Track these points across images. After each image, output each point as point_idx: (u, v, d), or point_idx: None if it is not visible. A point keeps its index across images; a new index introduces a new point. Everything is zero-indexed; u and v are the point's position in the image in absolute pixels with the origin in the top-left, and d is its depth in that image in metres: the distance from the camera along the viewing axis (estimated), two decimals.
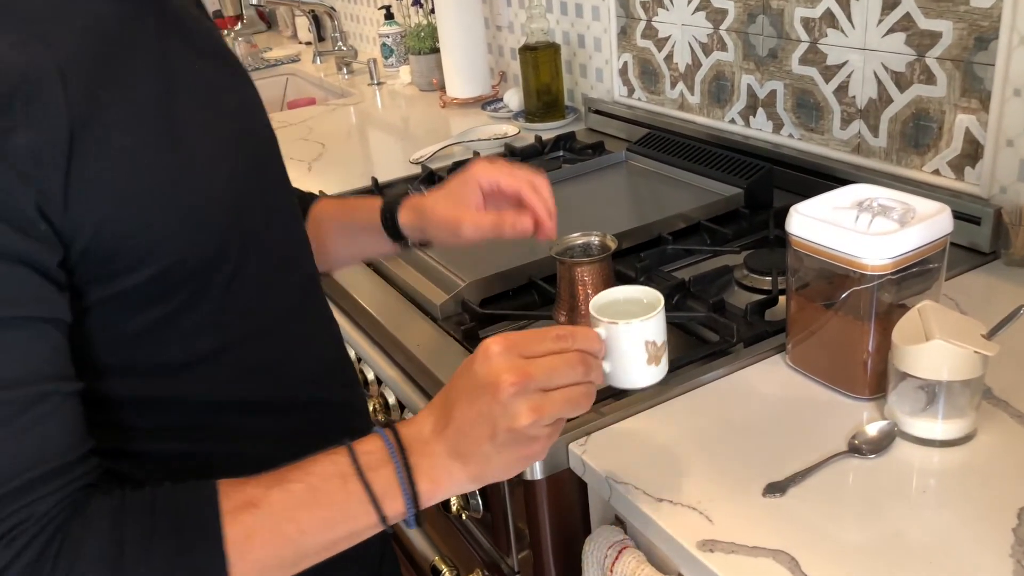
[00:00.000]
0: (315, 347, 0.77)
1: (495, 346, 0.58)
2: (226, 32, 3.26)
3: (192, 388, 0.66)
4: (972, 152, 1.11)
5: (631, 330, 0.64)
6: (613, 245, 0.97)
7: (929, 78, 1.13)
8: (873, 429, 0.79)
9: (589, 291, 0.96)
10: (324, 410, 0.77)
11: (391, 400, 1.13)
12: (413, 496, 0.59)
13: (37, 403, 0.53)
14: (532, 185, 0.85)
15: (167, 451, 0.67)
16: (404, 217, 0.89)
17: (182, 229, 0.61)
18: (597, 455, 0.82)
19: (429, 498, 0.60)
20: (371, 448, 0.60)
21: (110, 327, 0.60)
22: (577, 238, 0.99)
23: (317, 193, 0.99)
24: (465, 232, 0.84)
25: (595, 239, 0.98)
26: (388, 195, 0.94)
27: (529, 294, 1.13)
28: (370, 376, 1.19)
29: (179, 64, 0.64)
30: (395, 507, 0.59)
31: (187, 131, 0.62)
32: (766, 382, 0.90)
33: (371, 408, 1.16)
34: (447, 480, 0.60)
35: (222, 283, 0.65)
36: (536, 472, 0.84)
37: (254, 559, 0.56)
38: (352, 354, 1.25)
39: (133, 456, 0.65)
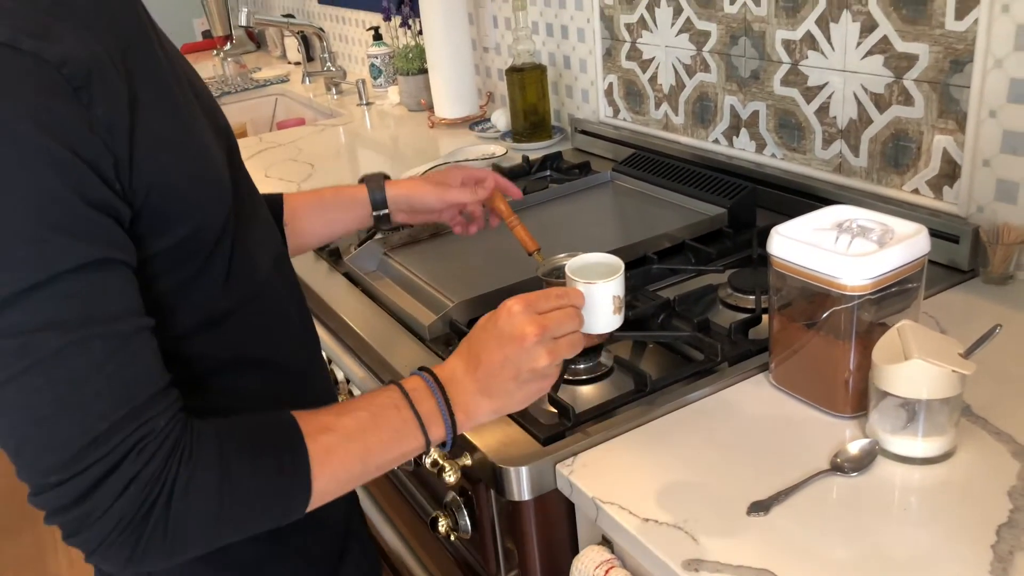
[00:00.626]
0: (291, 311, 0.85)
1: (516, 306, 0.72)
2: (215, 52, 3.28)
3: (200, 348, 0.73)
4: (950, 172, 1.13)
5: (604, 288, 0.80)
6: None
7: (907, 99, 1.16)
8: (855, 447, 0.81)
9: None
10: (300, 374, 0.85)
11: None
12: (452, 423, 0.72)
13: (138, 333, 0.61)
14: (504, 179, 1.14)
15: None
16: (391, 191, 1.09)
17: (205, 197, 0.70)
18: (584, 476, 0.82)
19: (463, 426, 0.73)
20: (415, 385, 0.72)
21: (143, 288, 0.66)
22: (563, 259, 1.00)
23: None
24: (450, 195, 1.08)
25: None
26: (367, 178, 1.11)
27: None
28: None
29: (177, 62, 0.75)
30: (438, 432, 0.72)
31: (193, 117, 0.72)
32: (750, 401, 0.91)
33: None
34: (476, 411, 0.73)
35: (227, 250, 0.73)
36: (524, 493, 0.85)
37: (331, 472, 0.67)
38: (340, 375, 1.26)
39: None
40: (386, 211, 1.08)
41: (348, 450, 0.68)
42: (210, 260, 0.71)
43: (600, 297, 0.80)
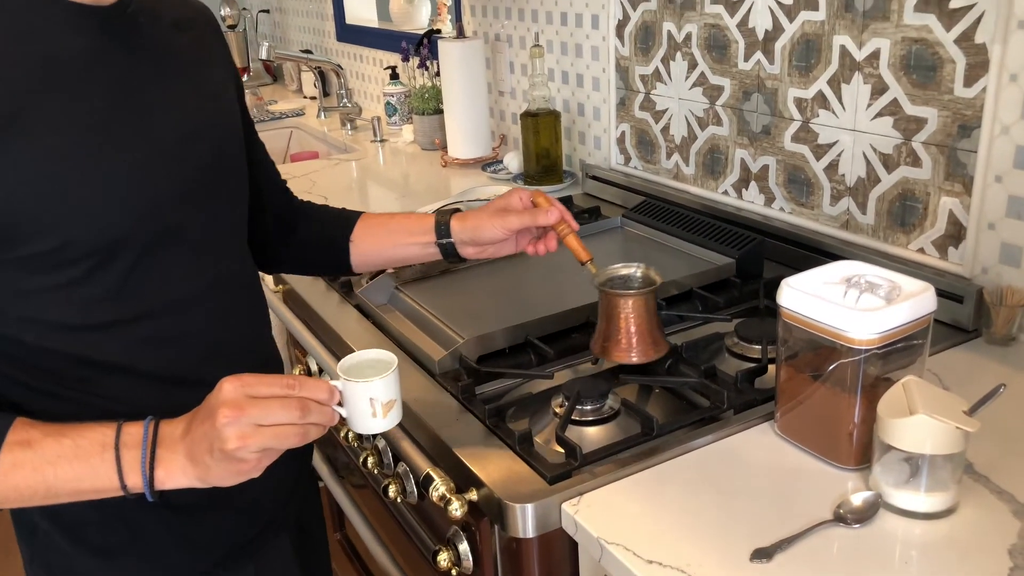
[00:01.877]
0: (214, 335, 0.89)
1: (228, 383, 0.71)
2: None
3: (85, 347, 0.80)
4: (955, 233, 1.16)
5: (357, 388, 0.76)
6: (658, 279, 0.94)
7: (915, 161, 1.19)
8: (858, 499, 0.82)
9: (632, 324, 0.93)
10: (197, 393, 0.84)
11: (387, 458, 1.14)
12: (150, 478, 0.73)
13: None
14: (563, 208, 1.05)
15: (51, 391, 0.81)
16: (456, 224, 1.04)
17: (68, 219, 0.75)
18: (589, 516, 0.83)
19: (162, 483, 0.73)
20: (133, 431, 0.74)
21: (10, 283, 0.76)
22: (619, 269, 0.97)
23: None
24: (511, 223, 1.01)
25: (637, 271, 0.97)
26: (439, 210, 1.08)
27: (525, 353, 1.15)
28: None
29: (136, 89, 0.80)
30: (135, 481, 0.73)
31: (119, 145, 0.78)
32: (755, 449, 0.92)
33: (363, 460, 1.17)
34: (180, 474, 0.73)
35: (123, 267, 0.79)
36: (528, 530, 0.86)
37: (13, 483, 0.72)
38: None
39: (23, 385, 0.80)
40: (450, 240, 1.04)
41: (38, 470, 0.72)
42: (93, 273, 0.78)
43: (355, 397, 0.76)
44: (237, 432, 0.69)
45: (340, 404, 0.76)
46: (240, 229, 0.96)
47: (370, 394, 0.76)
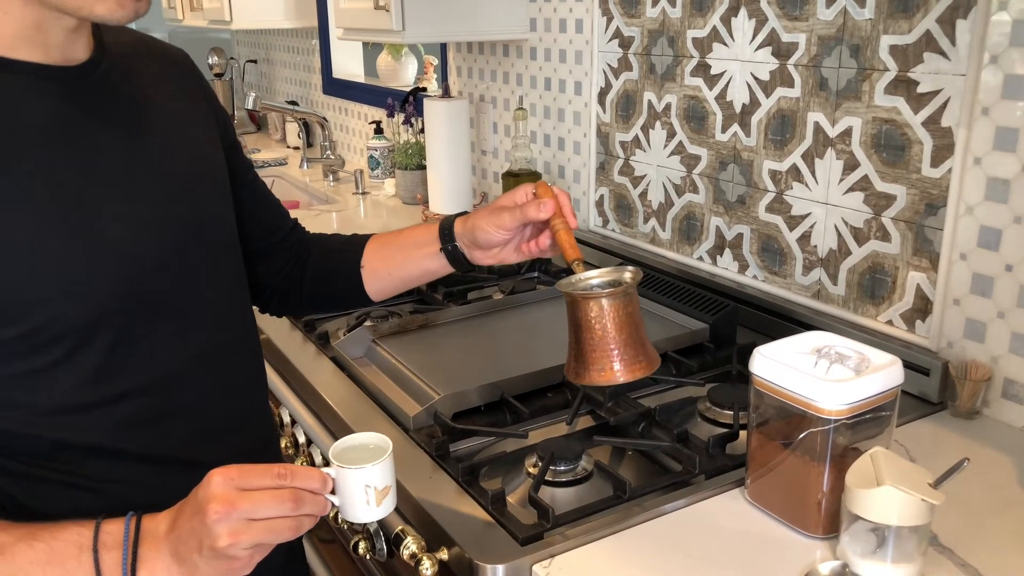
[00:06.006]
0: (203, 411, 0.86)
1: (217, 476, 0.68)
2: None
3: (63, 430, 0.76)
4: (923, 307, 1.19)
5: (352, 475, 0.73)
6: (630, 277, 0.84)
7: (884, 235, 1.22)
8: (826, 568, 0.82)
9: (611, 332, 0.84)
10: (202, 472, 0.81)
11: None
12: None
13: None
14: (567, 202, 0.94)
15: (31, 474, 0.77)
16: (458, 226, 0.98)
17: (52, 297, 0.72)
18: None
19: None
20: (112, 530, 0.69)
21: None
22: (595, 277, 0.87)
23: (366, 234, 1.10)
24: (503, 220, 0.92)
25: (626, 275, 0.86)
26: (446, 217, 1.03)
27: (501, 411, 1.15)
28: None
29: (109, 156, 0.77)
30: None
31: (90, 216, 0.75)
32: (725, 515, 0.93)
33: (333, 515, 1.16)
34: (164, 574, 0.69)
35: (105, 345, 0.76)
36: None
37: None
38: (319, 458, 1.26)
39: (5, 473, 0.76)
40: (455, 244, 0.98)
41: None
42: (72, 355, 0.74)
43: (349, 485, 0.73)
44: (229, 528, 0.66)
45: (332, 492, 0.73)
46: (231, 295, 0.91)
47: (366, 481, 0.73)
